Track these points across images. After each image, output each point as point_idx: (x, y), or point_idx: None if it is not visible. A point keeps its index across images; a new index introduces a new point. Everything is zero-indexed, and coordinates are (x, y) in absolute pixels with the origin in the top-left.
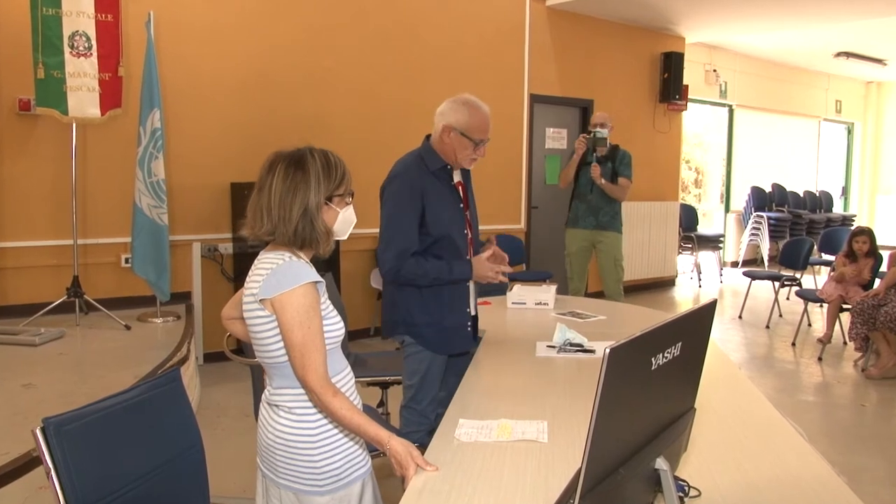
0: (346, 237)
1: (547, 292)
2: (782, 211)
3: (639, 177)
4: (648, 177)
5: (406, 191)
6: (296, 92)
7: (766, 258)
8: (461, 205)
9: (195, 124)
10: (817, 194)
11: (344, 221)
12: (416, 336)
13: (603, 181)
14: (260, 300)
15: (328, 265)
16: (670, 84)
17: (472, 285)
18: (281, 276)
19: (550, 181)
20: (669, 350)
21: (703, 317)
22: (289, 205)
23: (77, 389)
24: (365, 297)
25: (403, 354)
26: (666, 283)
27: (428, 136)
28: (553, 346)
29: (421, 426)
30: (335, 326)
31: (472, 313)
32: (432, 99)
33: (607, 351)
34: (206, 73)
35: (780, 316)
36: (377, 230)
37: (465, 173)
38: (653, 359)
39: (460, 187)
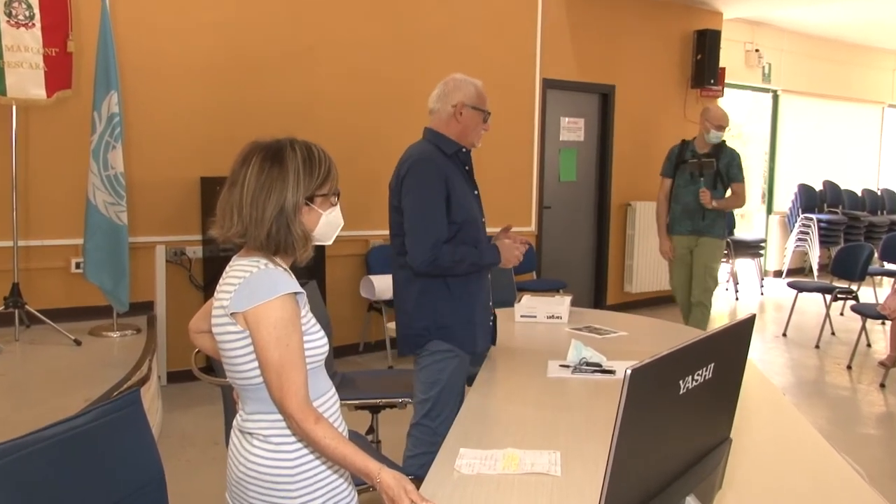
0: (330, 242)
1: (560, 304)
2: (835, 212)
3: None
4: None
5: (433, 175)
6: (277, 74)
7: (815, 267)
8: (476, 191)
9: (159, 109)
10: (878, 193)
11: (328, 225)
12: (449, 337)
13: (715, 203)
14: (231, 313)
15: (311, 273)
16: (704, 67)
17: (489, 288)
18: (255, 285)
19: (565, 178)
20: (700, 372)
21: (739, 334)
22: (262, 204)
23: (14, 416)
24: (353, 309)
25: (417, 367)
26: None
27: (428, 128)
28: (567, 366)
29: (433, 447)
30: (318, 343)
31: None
32: (432, 82)
33: (628, 372)
34: (172, 50)
35: (833, 334)
36: (368, 232)
37: (467, 160)
38: (681, 381)
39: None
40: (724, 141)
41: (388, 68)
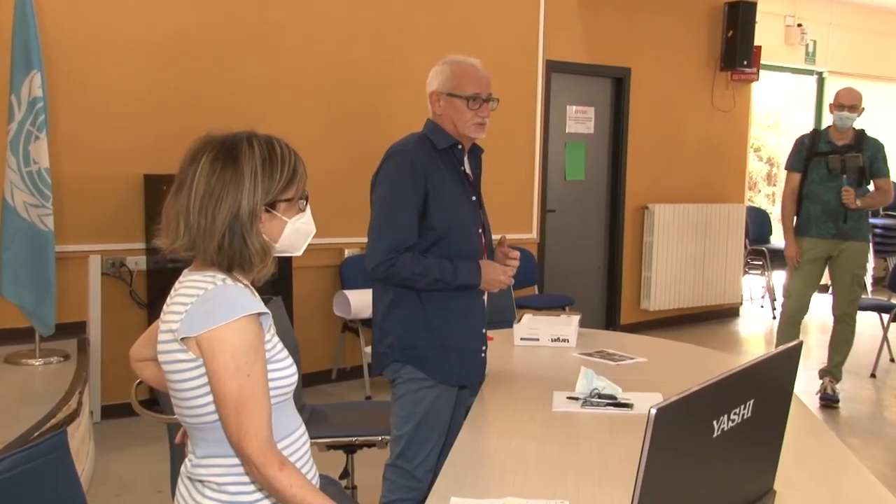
0: (300, 253)
1: (567, 325)
2: (893, 216)
3: (691, 170)
4: (704, 171)
5: (406, 169)
6: (234, 55)
7: (869, 281)
8: (474, 197)
9: (95, 93)
10: None
11: (296, 233)
12: (417, 361)
13: (859, 202)
14: (181, 338)
15: (276, 287)
16: (736, 45)
17: (485, 301)
18: (210, 305)
19: (572, 176)
20: (738, 410)
21: (783, 365)
22: (211, 212)
23: None
24: (325, 329)
25: (392, 398)
26: (727, 314)
27: (429, 119)
28: (576, 398)
29: (410, 493)
30: (285, 373)
31: (485, 339)
32: (418, 65)
33: (654, 411)
34: (111, 23)
35: (893, 360)
36: (343, 240)
37: (476, 163)
38: (715, 422)
39: (469, 179)
40: (863, 130)
41: (367, 49)
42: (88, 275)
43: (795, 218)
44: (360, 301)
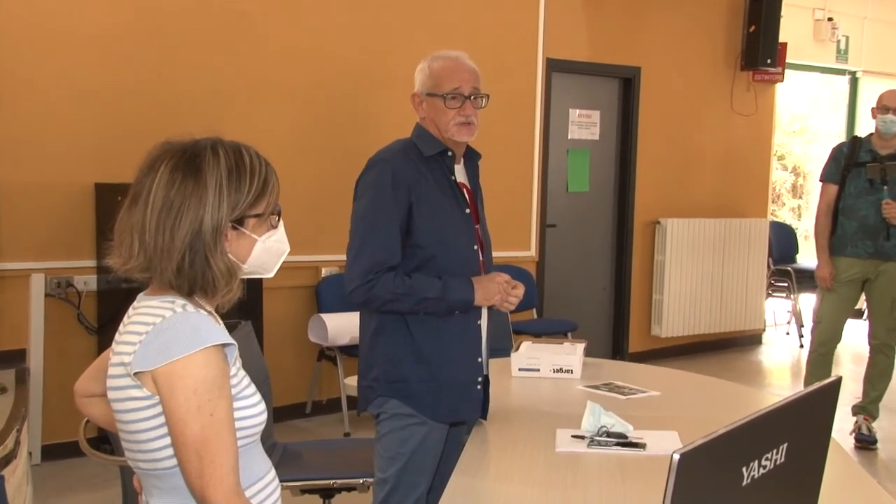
0: (272, 274)
1: (570, 353)
2: None
3: (708, 181)
4: (722, 181)
5: (387, 181)
6: (198, 49)
7: None
8: (467, 210)
9: (39, 92)
10: None
11: (266, 252)
12: (406, 396)
13: None
14: (135, 373)
15: (244, 310)
16: (759, 42)
17: (484, 325)
18: (169, 335)
19: (575, 188)
20: (770, 455)
21: (820, 404)
22: (170, 228)
23: None
24: (299, 357)
25: (376, 436)
26: (749, 341)
27: (418, 123)
28: (581, 437)
29: None
30: (252, 412)
31: (485, 370)
32: (409, 62)
33: (676, 457)
34: (57, 13)
35: None
36: (320, 258)
37: (474, 173)
38: (745, 469)
39: (465, 191)
40: None
41: (350, 43)
42: (30, 296)
43: (830, 235)
44: (339, 326)
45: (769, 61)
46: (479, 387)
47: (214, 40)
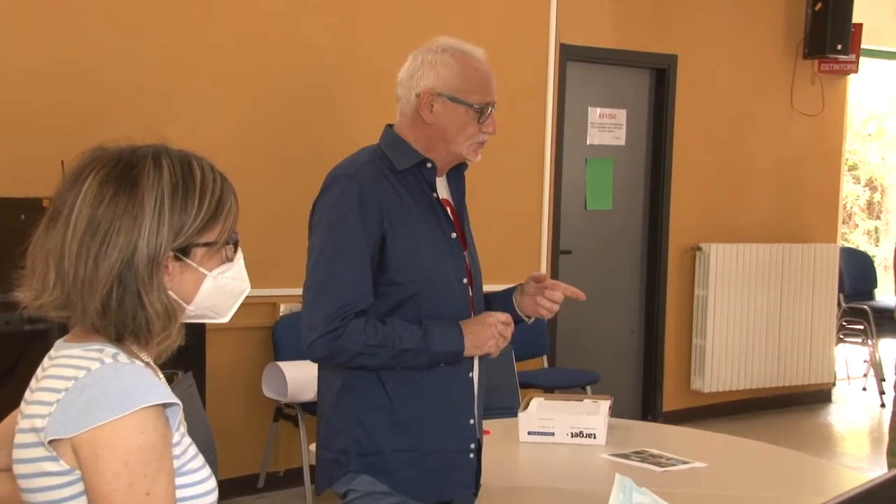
0: (226, 319)
1: (592, 412)
2: None
3: (761, 197)
4: (779, 197)
5: (352, 201)
6: (122, 32)
7: None
8: (454, 234)
9: None
10: None
11: (219, 291)
12: (381, 471)
13: None
14: (50, 441)
15: (183, 358)
16: (827, 24)
17: (476, 380)
18: (95, 393)
19: (595, 205)
20: None
21: None
22: (94, 255)
23: None
24: (251, 417)
25: None
26: (815, 398)
27: (390, 126)
28: None
29: None
30: (200, 489)
31: (477, 433)
32: (389, 51)
33: None
34: None
35: None
36: (277, 292)
37: (458, 188)
38: None
39: (448, 208)
40: None
41: (317, 25)
42: None
43: None
44: (300, 377)
45: (839, 47)
46: (471, 455)
47: (145, 21)
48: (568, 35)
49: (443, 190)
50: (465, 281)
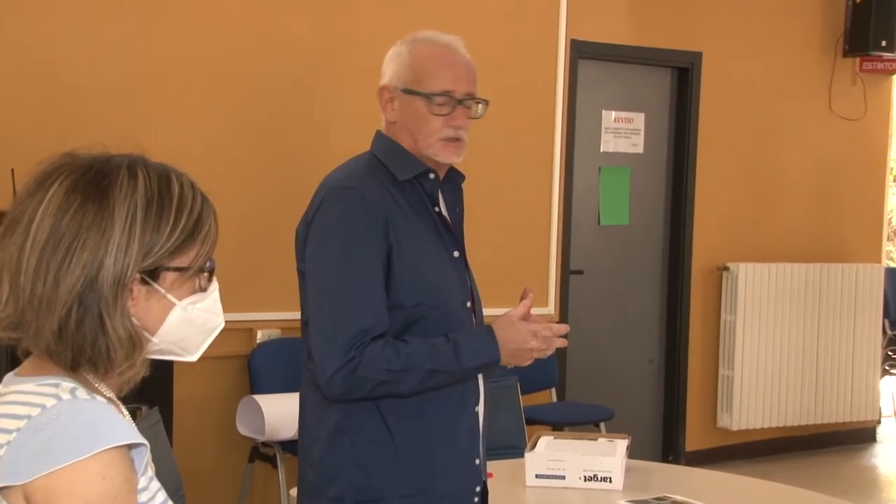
0: (194, 357)
1: (609, 453)
2: None
3: (796, 211)
4: (816, 211)
5: (357, 216)
6: (93, 30)
7: None
8: (456, 252)
9: None
10: None
11: (188, 325)
12: None
13: None
14: (0, 488)
15: (148, 392)
16: (870, 18)
17: (482, 413)
18: (51, 433)
19: (610, 220)
20: None
21: None
22: (54, 270)
23: None
24: (224, 457)
25: None
26: (857, 437)
27: (380, 131)
28: None
29: None
30: None
31: (482, 475)
32: (381, 47)
33: None
34: None
35: None
36: (253, 316)
37: (455, 198)
38: None
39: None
40: None
41: (301, 18)
42: None
43: None
44: (279, 412)
45: (884, 44)
46: (476, 500)
47: (107, 13)
48: (579, 30)
49: (441, 206)
50: (468, 305)
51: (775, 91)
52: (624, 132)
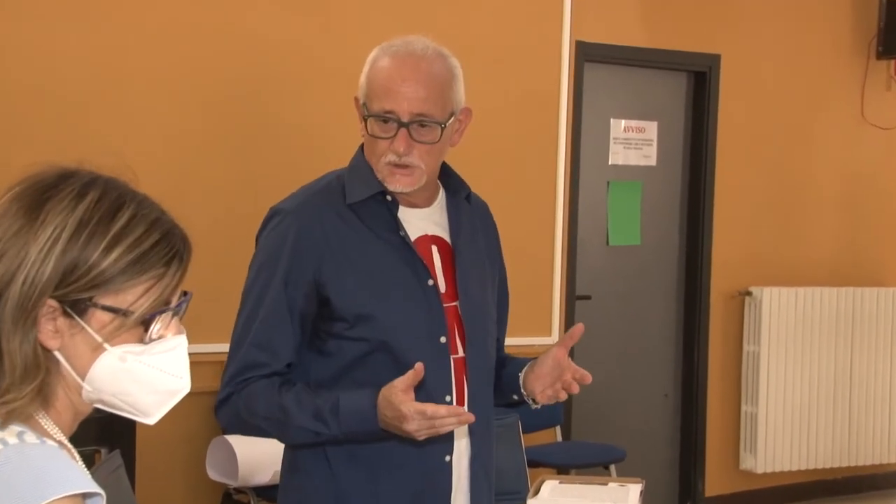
0: (152, 420)
1: (621, 499)
2: None
3: (825, 230)
4: (848, 230)
5: (281, 246)
6: (41, 28)
7: None
8: (430, 281)
9: None
10: None
11: (128, 377)
12: None
13: None
14: None
15: (108, 434)
16: None
17: (463, 461)
18: None
19: (620, 240)
20: None
21: None
22: None
23: None
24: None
25: None
26: (893, 480)
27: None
28: None
29: None
30: None
31: None
32: (364, 50)
33: None
34: None
35: None
36: (222, 347)
37: (457, 216)
38: None
39: (438, 248)
40: None
41: (268, 20)
42: None
43: None
44: (254, 455)
45: None
46: None
47: (61, 12)
48: (585, 31)
49: (431, 224)
50: (442, 340)
51: (801, 97)
52: (635, 143)
